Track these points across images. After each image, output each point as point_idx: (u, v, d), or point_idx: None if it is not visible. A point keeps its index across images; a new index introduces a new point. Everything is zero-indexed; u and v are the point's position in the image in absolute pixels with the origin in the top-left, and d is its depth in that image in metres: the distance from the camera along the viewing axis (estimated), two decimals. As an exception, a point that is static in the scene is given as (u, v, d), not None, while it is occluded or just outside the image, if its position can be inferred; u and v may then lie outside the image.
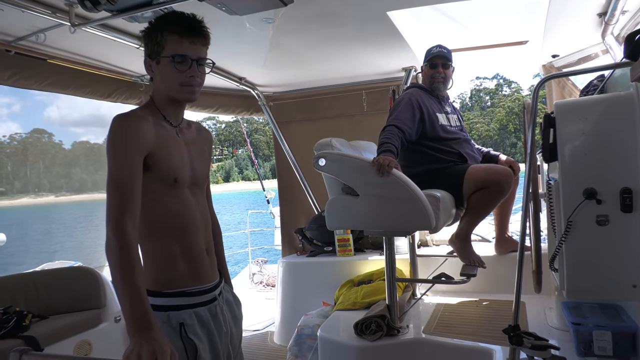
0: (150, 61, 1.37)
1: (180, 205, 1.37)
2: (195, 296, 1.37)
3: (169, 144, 1.36)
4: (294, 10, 2.29)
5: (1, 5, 2.03)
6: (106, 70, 3.21)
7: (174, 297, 1.34)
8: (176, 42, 1.32)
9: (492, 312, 2.69)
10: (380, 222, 2.35)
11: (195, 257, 1.39)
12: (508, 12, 2.77)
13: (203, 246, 1.42)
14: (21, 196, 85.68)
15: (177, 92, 1.35)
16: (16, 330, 2.55)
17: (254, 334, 4.08)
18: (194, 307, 1.36)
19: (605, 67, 2.05)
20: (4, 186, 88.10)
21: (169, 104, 1.40)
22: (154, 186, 1.32)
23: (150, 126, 1.32)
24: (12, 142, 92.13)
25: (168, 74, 1.34)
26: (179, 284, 1.35)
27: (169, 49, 1.32)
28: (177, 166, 1.36)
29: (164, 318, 1.30)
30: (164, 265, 1.35)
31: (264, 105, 4.27)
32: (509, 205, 3.06)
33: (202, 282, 1.40)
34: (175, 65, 1.32)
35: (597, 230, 1.76)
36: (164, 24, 1.34)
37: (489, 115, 76.84)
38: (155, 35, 1.34)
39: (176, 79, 1.33)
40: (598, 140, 1.76)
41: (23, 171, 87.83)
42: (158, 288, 1.33)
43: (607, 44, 2.64)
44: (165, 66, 1.33)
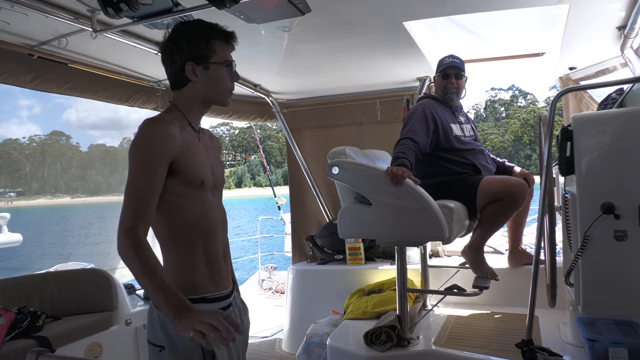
0: (195, 66, 1.38)
1: (205, 208, 1.39)
2: (214, 302, 1.38)
3: (193, 148, 1.39)
4: (310, 20, 2.31)
5: (25, 10, 2.08)
6: (125, 75, 3.26)
7: (196, 303, 1.32)
8: (224, 49, 1.40)
9: (504, 326, 2.65)
10: (392, 231, 2.34)
11: (215, 262, 1.40)
12: (525, 24, 2.75)
13: (221, 252, 1.44)
14: (38, 197, 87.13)
15: (224, 96, 1.43)
16: (30, 330, 2.58)
17: (262, 340, 4.08)
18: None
19: (624, 81, 2.03)
20: (22, 187, 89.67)
21: (199, 107, 1.44)
22: (181, 189, 1.33)
23: (177, 131, 1.34)
24: (32, 143, 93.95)
25: (219, 79, 1.40)
26: (201, 290, 1.36)
27: (221, 55, 1.39)
28: (202, 169, 1.39)
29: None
30: (187, 270, 1.36)
31: (278, 112, 4.29)
32: (523, 217, 3.03)
33: (221, 288, 1.41)
34: (226, 69, 1.40)
35: (615, 245, 1.73)
36: (209, 31, 1.39)
37: (504, 126, 76.29)
38: (203, 41, 1.37)
39: (227, 84, 1.41)
40: (616, 154, 1.74)
41: (41, 172, 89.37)
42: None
43: (627, 57, 2.61)
44: (218, 71, 1.39)
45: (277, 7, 2.06)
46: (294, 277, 3.80)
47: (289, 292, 3.81)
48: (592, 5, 2.23)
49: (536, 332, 2.44)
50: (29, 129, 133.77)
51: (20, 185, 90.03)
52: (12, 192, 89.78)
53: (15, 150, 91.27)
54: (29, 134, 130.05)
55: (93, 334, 2.87)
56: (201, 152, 1.42)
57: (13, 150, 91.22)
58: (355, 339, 2.49)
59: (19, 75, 2.68)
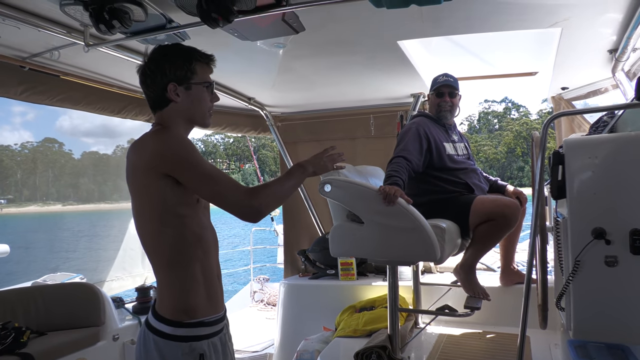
0: (177, 86, 1.39)
1: (201, 227, 1.38)
2: (212, 325, 1.37)
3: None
4: (305, 37, 2.31)
5: (17, 24, 2.06)
6: (117, 87, 3.24)
7: (195, 328, 1.32)
8: (204, 70, 1.44)
9: (495, 346, 2.64)
10: (384, 251, 2.32)
11: (211, 282, 1.39)
12: (518, 44, 2.78)
13: (216, 271, 1.43)
14: (29, 204, 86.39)
15: (205, 117, 1.45)
16: (14, 347, 2.52)
17: (252, 355, 4.03)
18: (211, 337, 1.35)
19: (615, 107, 2.04)
20: (13, 194, 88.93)
21: (184, 127, 1.43)
22: (180, 210, 1.33)
23: None
24: (23, 150, 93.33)
25: (200, 100, 1.42)
26: (198, 313, 1.34)
27: (202, 77, 1.42)
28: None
29: (186, 349, 1.29)
30: (185, 294, 1.33)
31: (272, 125, 4.29)
32: (515, 236, 3.02)
33: (217, 310, 1.40)
34: (207, 91, 1.44)
35: (606, 271, 1.73)
36: (191, 53, 1.42)
37: (497, 138, 76.82)
38: (185, 63, 1.39)
39: (207, 105, 1.44)
40: (608, 179, 1.74)
41: (32, 179, 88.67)
42: (179, 318, 1.31)
43: (618, 79, 2.64)
44: (198, 92, 1.41)
45: (271, 26, 2.06)
46: (285, 291, 3.77)
47: (280, 306, 3.78)
48: (584, 28, 2.25)
49: (527, 354, 2.42)
50: (22, 136, 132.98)
51: (10, 192, 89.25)
52: (2, 200, 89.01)
53: (7, 157, 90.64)
54: (21, 141, 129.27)
55: (79, 350, 2.80)
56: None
57: (4, 157, 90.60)
58: (345, 359, 2.46)
59: (10, 87, 2.65)
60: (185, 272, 1.33)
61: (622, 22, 2.14)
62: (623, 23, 2.15)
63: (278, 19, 1.99)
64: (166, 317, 1.31)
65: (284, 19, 2.00)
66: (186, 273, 1.33)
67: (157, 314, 1.33)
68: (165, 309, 1.32)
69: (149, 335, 1.31)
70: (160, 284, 1.34)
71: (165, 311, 1.32)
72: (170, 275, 1.33)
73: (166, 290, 1.33)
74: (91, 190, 38.81)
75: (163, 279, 1.34)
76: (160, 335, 1.30)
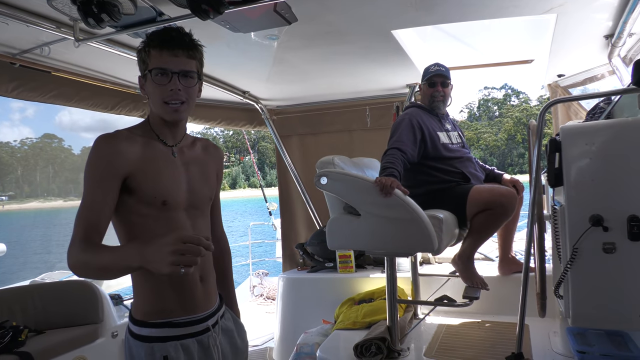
0: (142, 81, 1.31)
1: (170, 230, 1.27)
2: (183, 327, 1.30)
3: (158, 164, 1.29)
4: (298, 28, 2.28)
5: (5, 20, 2.02)
6: (110, 83, 3.21)
7: (160, 328, 1.27)
8: (157, 56, 1.24)
9: (495, 335, 2.64)
10: (382, 242, 2.31)
11: (186, 287, 1.31)
12: (513, 32, 2.75)
13: (197, 275, 1.33)
14: (30, 200, 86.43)
15: (162, 110, 1.27)
16: (12, 346, 2.51)
17: (253, 349, 4.03)
18: (181, 339, 1.28)
19: (612, 93, 2.02)
20: (14, 190, 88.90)
21: (163, 123, 1.33)
22: (141, 210, 1.25)
23: (133, 146, 1.26)
24: (23, 146, 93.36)
25: (152, 91, 1.27)
26: (166, 314, 1.28)
27: (152, 63, 1.25)
28: (167, 188, 1.28)
29: (148, 350, 1.24)
30: (152, 295, 1.29)
31: (267, 119, 4.26)
32: (513, 225, 3.02)
33: (193, 313, 1.32)
34: (154, 79, 1.24)
35: (604, 258, 1.72)
36: (148, 40, 1.27)
37: (497, 125, 76.69)
38: (142, 53, 1.29)
39: (159, 95, 1.25)
40: (605, 166, 1.73)
41: (33, 176, 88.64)
42: (144, 318, 1.28)
43: (614, 65, 2.62)
44: (149, 83, 1.27)
45: (263, 17, 2.03)
46: (284, 285, 3.77)
47: (280, 300, 3.78)
48: (579, 14, 2.23)
49: (526, 343, 2.42)
50: (21, 132, 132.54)
51: (11, 188, 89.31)
52: (3, 196, 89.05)
53: (6, 154, 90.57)
54: (21, 137, 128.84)
55: (78, 347, 2.79)
56: (172, 169, 1.32)
57: (4, 153, 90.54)
58: (345, 351, 2.46)
59: (1, 84, 2.62)
60: (152, 277, 1.26)
61: (617, 6, 2.12)
62: (619, 8, 2.13)
63: (270, 10, 1.96)
64: (135, 317, 1.28)
65: (275, 9, 1.97)
66: (153, 278, 1.27)
67: (130, 314, 1.31)
68: (137, 310, 1.29)
69: (126, 334, 1.31)
70: (133, 285, 1.31)
71: (136, 311, 1.29)
72: (141, 277, 1.29)
73: (137, 291, 1.30)
74: (92, 186, 38.04)
75: (135, 280, 1.31)
76: (130, 334, 1.29)
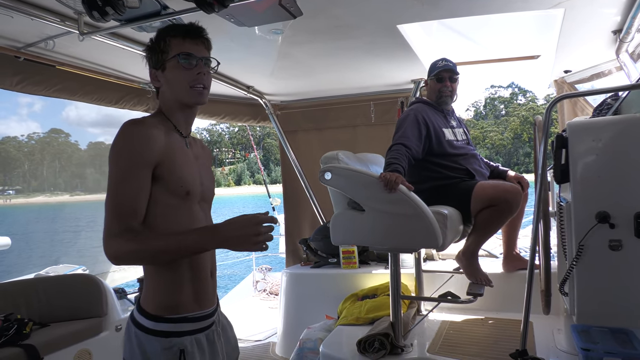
0: (155, 72, 1.33)
1: (192, 221, 1.29)
2: (196, 322, 1.31)
3: (179, 154, 1.30)
4: (303, 22, 2.27)
5: (10, 13, 2.02)
6: (114, 77, 3.20)
7: (177, 323, 1.27)
8: (180, 44, 1.29)
9: (498, 332, 2.63)
10: (386, 238, 2.31)
11: (201, 280, 1.33)
12: (520, 27, 2.73)
13: (209, 269, 1.37)
14: (37, 194, 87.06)
15: (187, 94, 1.30)
16: (17, 338, 2.53)
17: (255, 344, 4.04)
18: (195, 333, 1.30)
19: (620, 88, 2.00)
20: (21, 184, 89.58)
21: (180, 111, 1.34)
22: (166, 200, 1.25)
23: (161, 134, 1.26)
24: (30, 141, 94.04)
25: (176, 77, 1.29)
26: (183, 309, 1.29)
27: (174, 51, 1.29)
28: (189, 178, 1.30)
29: (166, 344, 1.25)
30: (170, 289, 1.29)
31: (271, 114, 4.25)
32: (517, 221, 3.01)
33: (204, 307, 1.34)
34: (182, 63, 1.29)
35: (610, 255, 1.71)
36: (166, 31, 1.32)
37: (503, 124, 76.37)
38: (159, 44, 1.31)
39: (185, 80, 1.29)
40: (612, 162, 1.71)
41: (40, 170, 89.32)
42: (160, 313, 1.27)
43: (622, 61, 2.59)
44: (172, 69, 1.30)
45: (268, 11, 2.02)
46: (287, 280, 3.77)
47: (283, 295, 3.78)
48: (587, 9, 2.20)
49: (530, 340, 2.42)
50: (29, 127, 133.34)
51: (19, 183, 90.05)
52: (10, 190, 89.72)
53: (14, 148, 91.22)
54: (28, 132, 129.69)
55: (82, 340, 2.81)
56: (189, 160, 1.33)
57: (12, 148, 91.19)
58: (348, 346, 2.46)
59: (5, 78, 2.63)
60: (171, 269, 1.27)
61: (626, 1, 2.09)
62: (627, 3, 2.10)
63: (275, 3, 1.95)
64: (148, 312, 1.27)
65: (281, 3, 1.96)
66: (172, 270, 1.28)
67: (141, 308, 1.29)
68: (148, 304, 1.28)
69: (131, 328, 1.29)
70: (146, 278, 1.30)
71: (148, 305, 1.28)
72: (157, 271, 1.28)
73: (151, 285, 1.29)
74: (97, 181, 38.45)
75: (149, 274, 1.30)
76: (142, 329, 1.27)
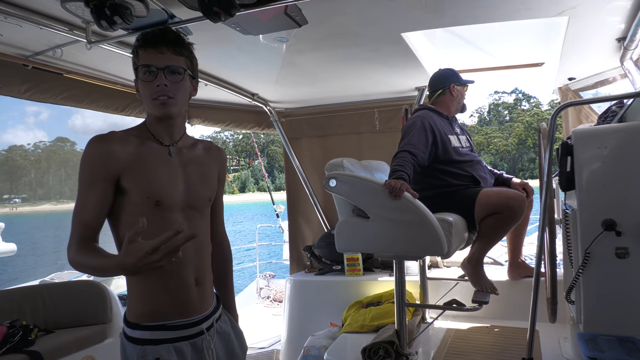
0: (136, 83, 1.32)
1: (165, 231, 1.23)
2: (176, 330, 1.29)
3: (151, 164, 1.28)
4: (308, 31, 2.29)
5: (19, 22, 2.05)
6: (120, 85, 3.23)
7: (152, 331, 1.26)
8: (143, 55, 1.26)
9: (504, 340, 2.61)
10: (391, 246, 2.30)
11: (181, 290, 1.30)
12: (524, 34, 2.74)
13: (192, 278, 1.32)
14: (43, 203, 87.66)
15: (152, 107, 1.28)
16: (22, 345, 2.53)
17: (259, 351, 4.03)
18: (175, 342, 1.27)
19: (625, 96, 2.00)
20: (27, 193, 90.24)
21: (157, 121, 1.33)
22: (134, 210, 1.25)
23: (126, 146, 1.26)
24: (36, 149, 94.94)
25: (141, 89, 1.28)
26: (159, 317, 1.28)
27: (139, 63, 1.27)
28: (161, 187, 1.27)
29: (140, 352, 1.24)
30: (148, 297, 1.28)
31: (276, 121, 4.27)
32: (522, 228, 2.99)
33: (187, 315, 1.31)
34: (141, 77, 1.26)
35: (617, 262, 1.70)
36: (135, 42, 1.29)
37: (507, 130, 76.21)
38: (133, 55, 1.30)
39: (147, 93, 1.26)
40: (618, 169, 1.71)
41: (46, 178, 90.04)
42: (137, 320, 1.28)
43: (626, 68, 2.59)
44: (139, 81, 1.28)
45: (273, 20, 2.04)
46: (291, 287, 3.77)
47: (287, 302, 3.77)
48: (591, 16, 2.21)
49: (537, 348, 2.40)
50: (36, 135, 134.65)
51: (25, 191, 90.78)
52: (17, 198, 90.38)
53: (20, 157, 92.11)
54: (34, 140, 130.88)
55: (87, 347, 2.81)
56: (168, 169, 1.31)
57: (18, 156, 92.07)
58: (353, 354, 2.45)
59: (14, 86, 2.65)
60: (147, 277, 1.26)
61: (630, 9, 2.10)
62: (632, 10, 2.11)
63: (280, 12, 1.97)
64: (128, 319, 1.29)
65: (286, 12, 1.98)
66: (149, 278, 1.26)
67: (125, 315, 1.32)
68: (129, 311, 1.30)
69: (121, 335, 1.31)
70: (127, 286, 1.32)
71: (128, 312, 1.30)
72: (135, 279, 1.28)
73: (130, 292, 1.30)
74: (102, 189, 38.45)
75: (128, 282, 1.31)
76: (124, 336, 1.29)
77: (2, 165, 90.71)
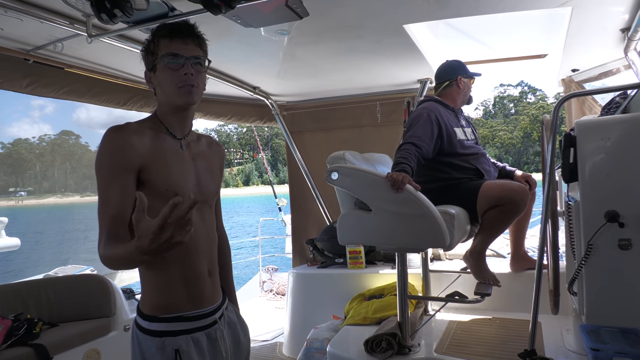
0: (149, 74, 1.33)
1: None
2: (193, 321, 1.31)
3: (168, 157, 1.29)
4: (309, 23, 2.27)
5: (20, 16, 2.05)
6: (122, 79, 3.23)
7: (170, 322, 1.27)
8: (167, 44, 1.27)
9: (506, 332, 2.62)
10: (393, 238, 2.30)
11: (195, 280, 1.32)
12: (526, 26, 2.71)
13: (205, 269, 1.35)
14: (48, 195, 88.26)
15: (176, 95, 1.28)
16: (26, 338, 2.55)
17: (262, 344, 4.05)
18: (192, 332, 1.29)
19: (628, 87, 1.99)
20: (33, 186, 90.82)
21: (172, 113, 1.33)
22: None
23: (143, 138, 1.26)
24: (42, 143, 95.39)
25: (164, 78, 1.28)
26: (176, 308, 1.29)
27: (161, 52, 1.27)
28: (178, 180, 1.29)
29: (159, 344, 1.25)
30: (161, 290, 1.29)
31: (278, 115, 4.26)
32: (525, 221, 2.99)
33: (201, 306, 1.33)
34: (167, 64, 1.26)
35: (619, 254, 1.70)
36: (155, 31, 1.30)
37: (513, 123, 75.76)
38: (150, 46, 1.30)
39: (172, 81, 1.27)
40: (621, 161, 1.70)
41: (51, 171, 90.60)
42: (154, 313, 1.28)
43: (630, 59, 2.57)
44: (161, 70, 1.28)
45: (274, 12, 2.03)
46: (294, 280, 3.78)
47: (289, 295, 3.79)
48: (595, 7, 2.19)
49: (539, 340, 2.40)
50: (41, 129, 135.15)
51: (30, 184, 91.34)
52: (22, 191, 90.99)
53: (26, 150, 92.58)
54: (40, 134, 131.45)
55: (91, 340, 2.83)
56: (181, 162, 1.32)
57: (23, 150, 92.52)
58: (355, 346, 2.46)
59: (15, 80, 2.65)
60: (161, 269, 1.27)
61: (634, -1, 2.08)
62: (636, 1, 2.09)
63: (281, 5, 1.96)
64: (144, 312, 1.29)
65: (287, 4, 1.97)
66: (160, 270, 1.28)
67: (139, 309, 1.31)
68: (144, 304, 1.30)
69: (134, 328, 1.31)
70: (141, 279, 1.32)
71: (144, 306, 1.30)
72: (148, 272, 1.29)
73: (145, 285, 1.30)
74: (108, 182, 38.82)
75: (142, 275, 1.31)
76: (140, 329, 1.29)
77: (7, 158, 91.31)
